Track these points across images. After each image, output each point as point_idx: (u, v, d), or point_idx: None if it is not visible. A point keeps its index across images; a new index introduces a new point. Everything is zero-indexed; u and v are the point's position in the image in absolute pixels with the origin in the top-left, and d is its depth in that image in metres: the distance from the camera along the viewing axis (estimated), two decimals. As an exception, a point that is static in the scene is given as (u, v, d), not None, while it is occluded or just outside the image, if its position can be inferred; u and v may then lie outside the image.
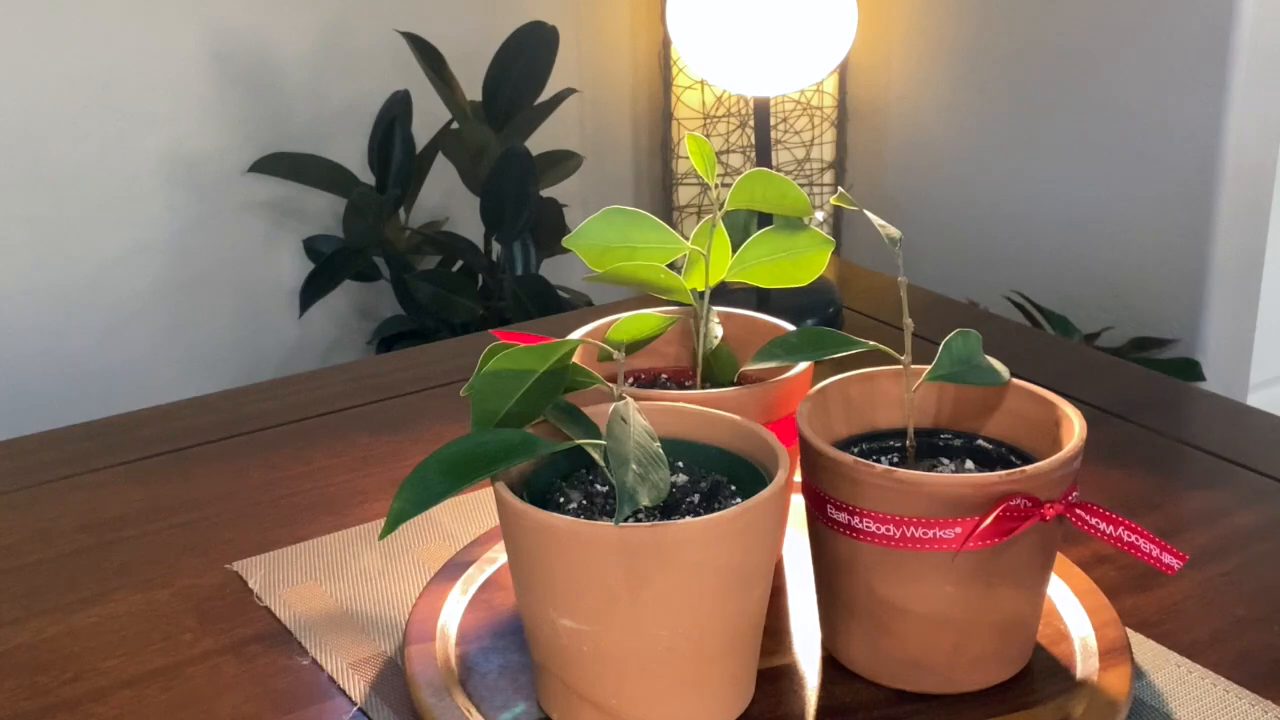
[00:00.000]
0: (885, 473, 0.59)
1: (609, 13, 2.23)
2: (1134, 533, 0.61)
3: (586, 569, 0.56)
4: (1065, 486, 0.61)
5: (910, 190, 2.11)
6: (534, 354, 0.59)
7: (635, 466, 0.55)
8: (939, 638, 0.62)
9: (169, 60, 1.87)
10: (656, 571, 0.56)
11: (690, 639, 0.58)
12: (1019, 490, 0.59)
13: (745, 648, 0.62)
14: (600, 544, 0.55)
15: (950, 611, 0.61)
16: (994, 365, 0.66)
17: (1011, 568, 0.61)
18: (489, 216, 1.85)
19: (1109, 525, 0.61)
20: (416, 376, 1.05)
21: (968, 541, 0.58)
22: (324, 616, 0.72)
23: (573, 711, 0.61)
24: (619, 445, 0.56)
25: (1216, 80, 1.66)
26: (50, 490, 0.87)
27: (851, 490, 0.60)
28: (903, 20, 2.10)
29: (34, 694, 0.66)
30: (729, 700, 0.62)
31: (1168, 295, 1.77)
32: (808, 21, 1.01)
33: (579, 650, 0.58)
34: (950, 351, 0.65)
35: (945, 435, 0.68)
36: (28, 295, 1.83)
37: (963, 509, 0.59)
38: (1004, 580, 0.61)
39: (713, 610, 0.58)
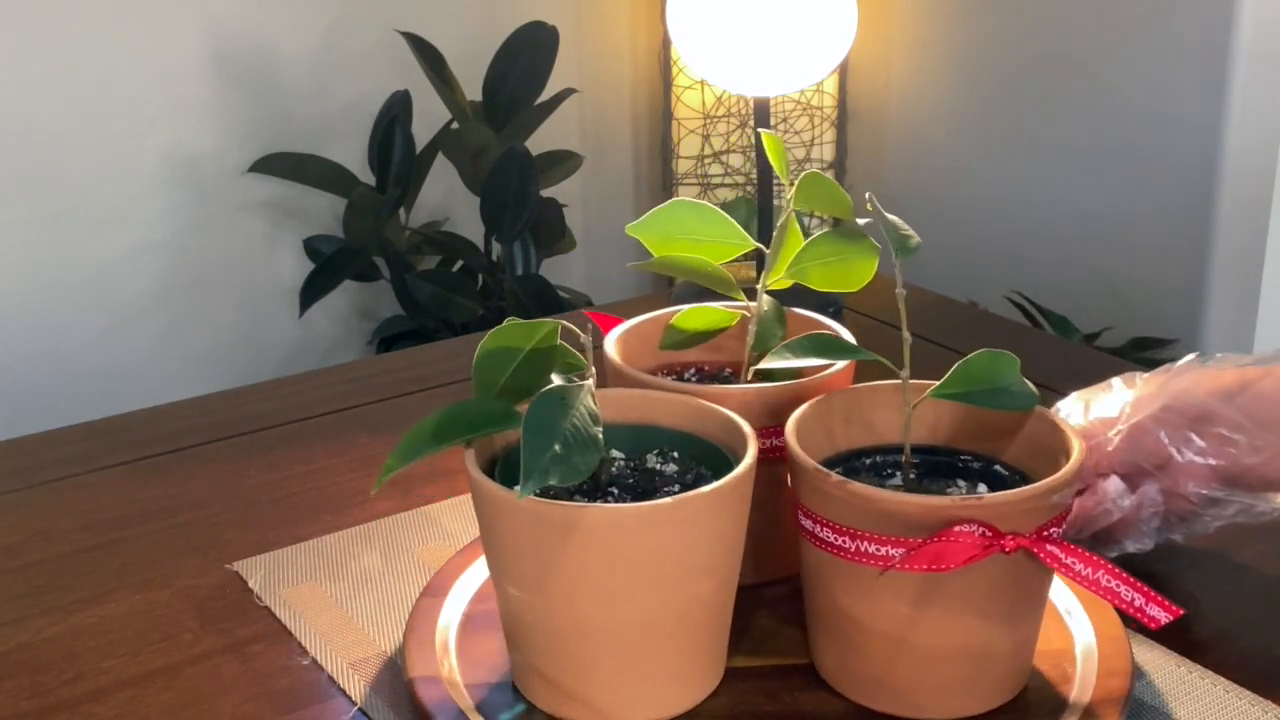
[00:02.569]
0: (839, 483, 0.58)
1: (609, 13, 2.23)
2: (1115, 578, 0.58)
3: (517, 538, 0.59)
4: (1038, 519, 0.58)
5: (910, 190, 2.11)
6: (522, 331, 0.60)
7: (559, 447, 0.56)
8: (899, 658, 0.61)
9: (169, 60, 1.87)
10: (576, 550, 0.57)
11: (626, 622, 0.59)
12: (973, 518, 0.56)
13: (694, 638, 0.62)
14: (518, 515, 0.58)
15: (907, 633, 0.60)
16: (1023, 389, 0.63)
17: (974, 597, 0.59)
18: (489, 216, 1.85)
19: (1087, 567, 0.58)
20: (416, 376, 1.05)
21: (907, 563, 0.57)
22: (324, 616, 0.72)
23: (524, 679, 0.63)
24: (540, 424, 0.57)
25: (1216, 80, 1.66)
26: (50, 490, 0.87)
27: (813, 498, 0.60)
28: (903, 20, 2.10)
29: (34, 694, 0.66)
30: (673, 690, 0.62)
31: (1168, 295, 1.77)
32: (808, 21, 1.01)
33: (524, 619, 0.61)
34: (969, 370, 0.62)
35: (965, 457, 0.66)
36: (28, 295, 1.83)
37: (913, 529, 0.57)
38: (966, 609, 0.59)
39: (647, 596, 0.58)
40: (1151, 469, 0.70)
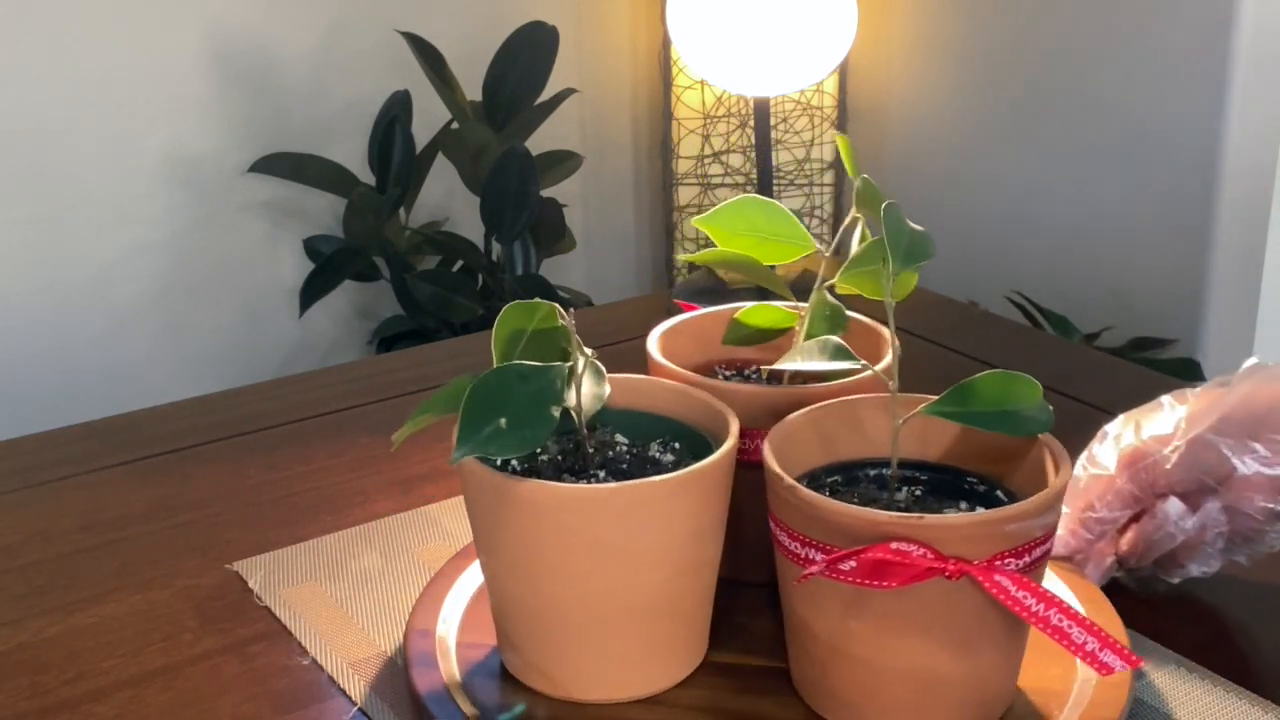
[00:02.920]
0: (790, 487, 0.58)
1: (609, 13, 2.23)
2: (1069, 618, 0.56)
3: (476, 505, 0.62)
4: (991, 547, 0.56)
5: (910, 190, 2.11)
6: (523, 312, 0.62)
7: (504, 421, 0.57)
8: (848, 673, 0.60)
9: (169, 60, 1.87)
10: (522, 523, 0.60)
11: (577, 603, 0.61)
12: (913, 537, 0.55)
13: (648, 626, 0.62)
14: (477, 482, 0.61)
15: (854, 648, 0.59)
16: (1038, 414, 0.61)
17: (921, 620, 0.57)
18: (489, 216, 1.85)
19: (1039, 604, 0.56)
20: (416, 376, 1.05)
21: (849, 576, 0.56)
22: (324, 616, 0.72)
23: (503, 650, 0.66)
24: (487, 396, 0.58)
25: (1216, 80, 1.66)
26: (50, 490, 0.87)
27: (774, 501, 0.60)
28: (903, 20, 2.10)
29: (34, 694, 0.66)
30: (629, 674, 0.63)
31: (1168, 295, 1.77)
32: (808, 21, 1.02)
33: (494, 589, 0.64)
34: (975, 390, 0.60)
35: (971, 479, 0.64)
36: (28, 295, 1.83)
37: (853, 540, 0.56)
38: (913, 631, 0.58)
39: (594, 579, 0.60)
40: (1214, 485, 0.68)
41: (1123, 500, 0.70)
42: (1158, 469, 0.69)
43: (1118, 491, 0.70)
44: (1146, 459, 0.69)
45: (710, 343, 0.76)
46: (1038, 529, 0.57)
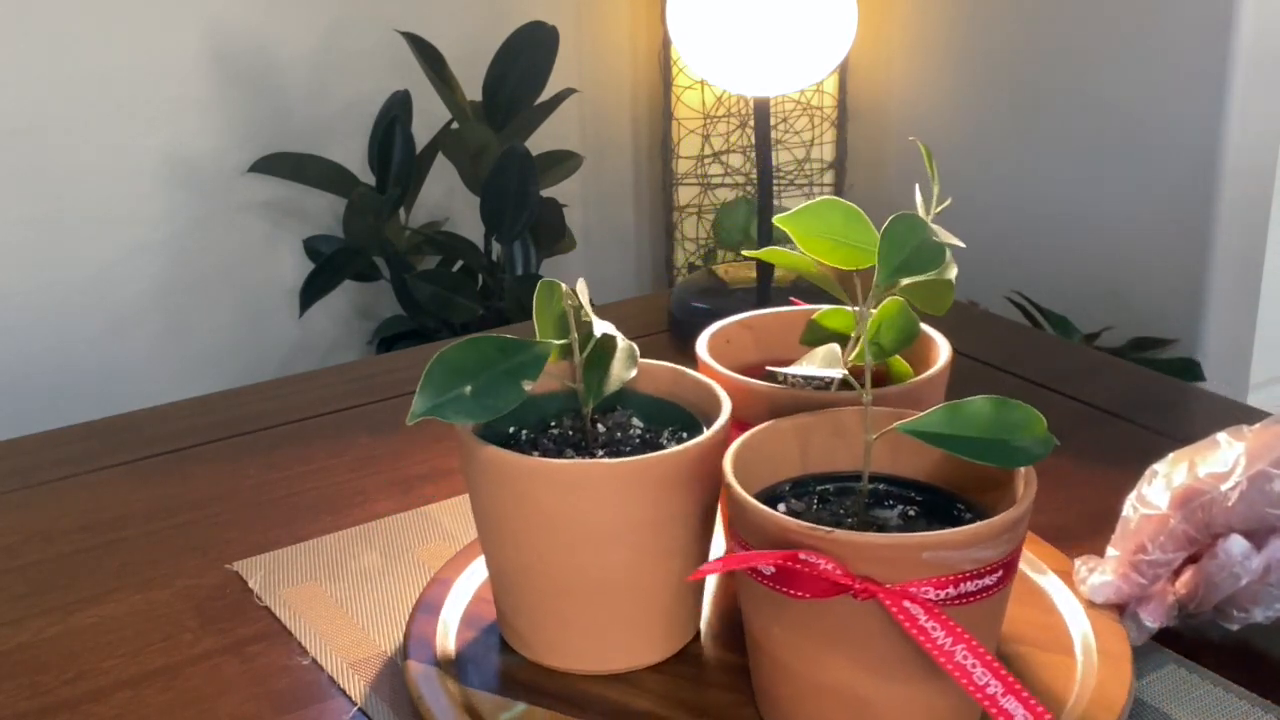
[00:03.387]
0: (728, 484, 0.58)
1: (609, 13, 2.23)
2: (976, 657, 0.53)
3: (463, 466, 0.65)
4: (908, 572, 0.54)
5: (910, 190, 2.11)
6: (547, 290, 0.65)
7: (469, 389, 0.60)
8: (783, 681, 0.59)
9: (169, 60, 1.87)
10: (490, 489, 0.63)
11: (535, 571, 0.63)
12: (821, 550, 0.54)
13: (603, 605, 0.63)
14: (460, 443, 0.64)
15: (783, 656, 0.58)
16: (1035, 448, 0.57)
17: (835, 636, 0.56)
18: (489, 216, 1.85)
19: (947, 637, 0.53)
20: (416, 376, 1.04)
21: (768, 580, 0.55)
22: (324, 616, 0.72)
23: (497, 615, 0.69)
24: (456, 364, 0.60)
25: (1216, 80, 1.66)
26: (50, 490, 0.87)
27: (727, 503, 0.60)
28: (903, 20, 2.10)
29: (34, 694, 0.66)
30: (587, 648, 0.65)
31: (1168, 295, 1.77)
32: (808, 21, 1.01)
33: (486, 553, 0.67)
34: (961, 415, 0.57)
35: (959, 506, 0.62)
36: (28, 295, 1.83)
37: (771, 545, 0.55)
38: (829, 647, 0.57)
39: (552, 552, 0.62)
40: (1278, 522, 0.64)
41: (1178, 541, 0.66)
42: (1216, 507, 0.65)
43: (1172, 532, 0.65)
44: (1203, 496, 0.65)
45: (756, 342, 0.76)
46: (966, 562, 0.54)
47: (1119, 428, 0.95)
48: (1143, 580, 0.66)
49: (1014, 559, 0.57)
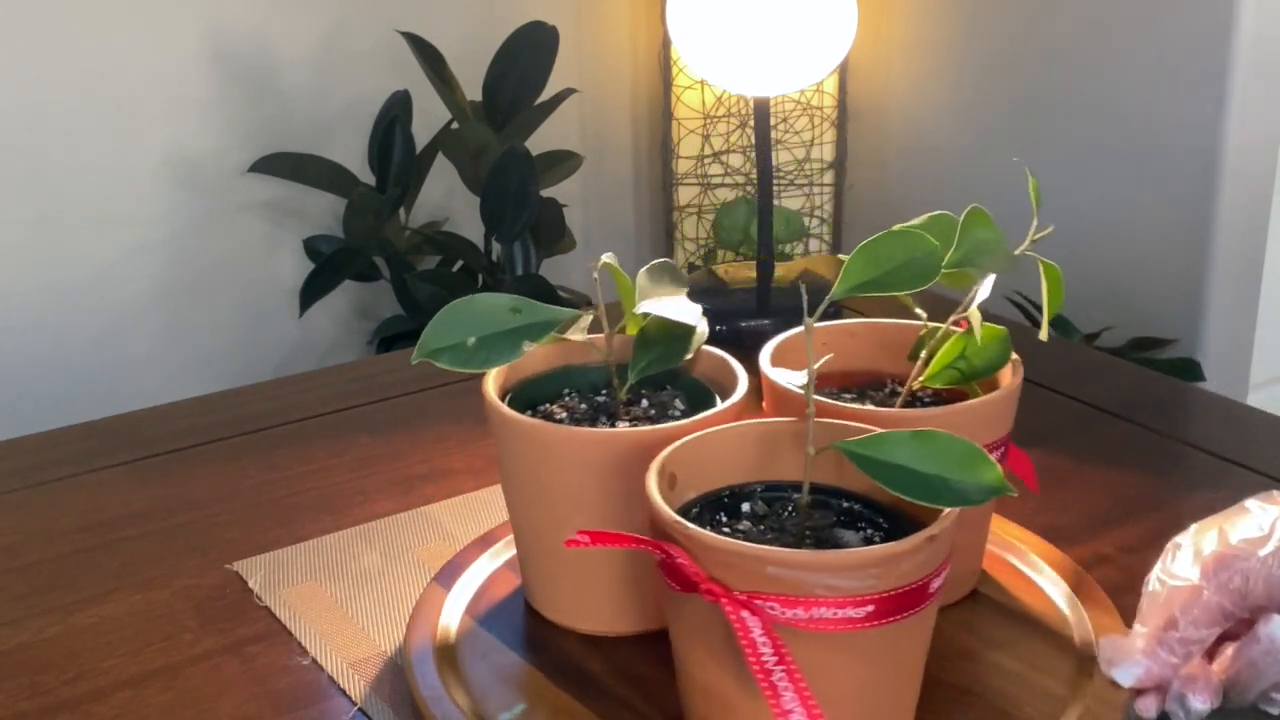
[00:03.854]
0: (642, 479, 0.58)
1: (609, 13, 2.23)
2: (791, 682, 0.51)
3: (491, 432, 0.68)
4: (753, 584, 0.52)
5: (910, 190, 2.11)
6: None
7: (473, 340, 0.62)
8: (677, 671, 0.59)
9: (169, 60, 1.87)
10: (500, 443, 0.67)
11: (527, 524, 0.68)
12: (682, 545, 0.53)
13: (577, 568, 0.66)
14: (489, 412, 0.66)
15: (674, 645, 0.58)
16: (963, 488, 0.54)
17: (694, 632, 0.56)
18: (489, 216, 1.85)
19: (773, 655, 0.52)
20: (416, 376, 1.05)
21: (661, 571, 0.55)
22: (324, 616, 0.72)
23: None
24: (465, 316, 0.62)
25: (1216, 80, 1.66)
26: (50, 490, 0.87)
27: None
28: (903, 20, 2.10)
29: (34, 694, 0.66)
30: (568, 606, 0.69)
31: (1168, 295, 1.77)
32: (808, 21, 1.01)
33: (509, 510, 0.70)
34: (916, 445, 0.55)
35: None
36: (28, 295, 1.83)
37: (659, 535, 0.55)
38: (698, 644, 0.56)
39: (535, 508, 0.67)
40: None
41: (1212, 615, 0.59)
42: (1253, 575, 0.59)
43: (1205, 604, 0.59)
44: (1238, 564, 0.59)
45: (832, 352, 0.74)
46: (819, 588, 0.51)
47: (1119, 428, 0.95)
48: (1174, 660, 0.60)
49: (895, 598, 0.53)
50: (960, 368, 0.68)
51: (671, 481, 0.59)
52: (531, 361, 0.70)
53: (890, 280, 0.58)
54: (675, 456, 0.59)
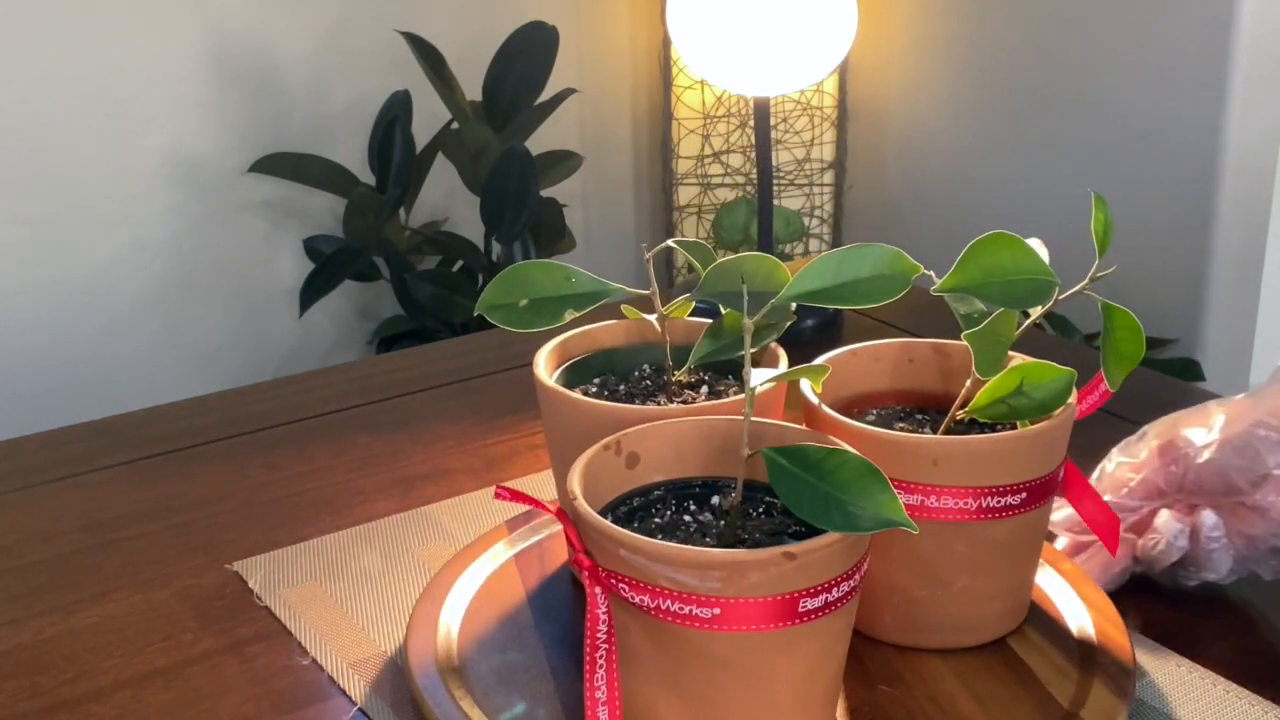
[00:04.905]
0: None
1: (609, 13, 2.23)
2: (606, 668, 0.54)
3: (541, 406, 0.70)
4: (612, 564, 0.53)
5: (910, 190, 2.11)
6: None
7: (525, 302, 0.64)
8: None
9: (169, 60, 1.87)
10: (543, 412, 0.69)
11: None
12: (570, 517, 0.55)
13: None
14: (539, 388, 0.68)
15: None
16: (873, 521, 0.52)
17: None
18: (489, 216, 1.85)
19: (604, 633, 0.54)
20: (416, 376, 1.05)
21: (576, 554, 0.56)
22: (324, 616, 0.72)
23: None
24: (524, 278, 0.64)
25: (1216, 80, 1.66)
26: (50, 490, 0.87)
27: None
28: (903, 20, 2.10)
29: (34, 694, 0.66)
30: None
31: (1168, 295, 1.77)
32: (808, 21, 1.01)
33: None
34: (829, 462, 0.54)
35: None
36: (28, 295, 1.83)
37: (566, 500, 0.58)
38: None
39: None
40: (1244, 485, 0.65)
41: (1146, 490, 0.68)
42: (1188, 463, 0.67)
43: (1144, 481, 0.69)
44: (1178, 452, 0.67)
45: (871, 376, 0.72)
46: (661, 578, 0.52)
47: (1119, 428, 0.95)
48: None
49: (747, 606, 0.52)
50: (1012, 404, 0.65)
51: (631, 460, 0.61)
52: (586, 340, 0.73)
53: (845, 292, 0.58)
54: (635, 436, 0.61)
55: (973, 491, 0.62)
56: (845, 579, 0.54)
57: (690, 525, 0.59)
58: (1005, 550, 0.65)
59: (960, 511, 0.62)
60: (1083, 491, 0.66)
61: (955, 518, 0.62)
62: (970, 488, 0.62)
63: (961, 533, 0.63)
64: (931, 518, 0.63)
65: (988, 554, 0.64)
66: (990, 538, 0.64)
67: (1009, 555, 0.65)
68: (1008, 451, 0.63)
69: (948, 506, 0.62)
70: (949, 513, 0.62)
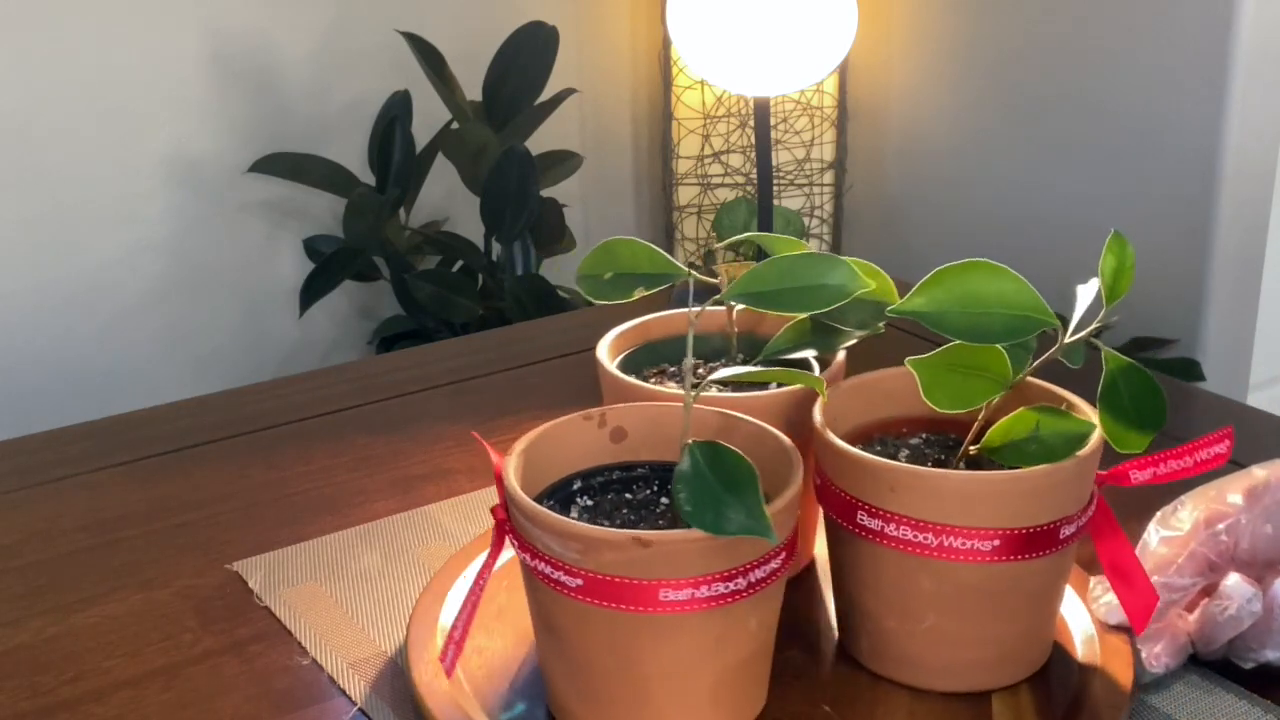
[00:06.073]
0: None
1: (609, 13, 2.22)
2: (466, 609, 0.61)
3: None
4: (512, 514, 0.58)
5: (910, 190, 2.11)
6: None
7: (610, 274, 0.65)
8: None
9: (169, 60, 1.87)
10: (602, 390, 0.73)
11: None
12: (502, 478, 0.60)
13: None
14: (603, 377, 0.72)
15: None
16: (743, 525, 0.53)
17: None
18: (489, 216, 1.85)
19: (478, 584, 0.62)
20: (416, 376, 1.05)
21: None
22: (324, 616, 0.72)
23: None
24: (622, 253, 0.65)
25: (1216, 80, 1.66)
26: (50, 490, 0.87)
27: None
28: (903, 20, 2.10)
29: (34, 694, 0.66)
30: None
31: (1168, 295, 1.77)
32: (808, 21, 1.02)
33: None
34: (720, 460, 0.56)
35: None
36: (28, 295, 1.83)
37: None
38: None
39: None
40: None
41: (1197, 565, 0.62)
42: (1238, 531, 0.61)
43: (1191, 555, 0.62)
44: (1226, 519, 0.62)
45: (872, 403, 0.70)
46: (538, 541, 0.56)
47: (1119, 428, 0.95)
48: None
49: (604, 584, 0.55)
50: (1028, 450, 0.61)
51: (617, 434, 0.65)
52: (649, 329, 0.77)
53: (780, 299, 0.59)
54: (622, 413, 0.65)
55: (932, 527, 0.59)
56: (722, 579, 0.54)
57: (658, 506, 0.61)
58: (980, 596, 0.61)
59: (918, 545, 0.60)
60: (1118, 557, 0.61)
61: (914, 550, 0.60)
62: (929, 522, 0.59)
63: (924, 567, 0.61)
64: (890, 545, 0.60)
65: (956, 596, 0.61)
66: (958, 579, 0.61)
67: (985, 602, 0.61)
68: (972, 493, 0.59)
69: (905, 537, 0.60)
70: (907, 544, 0.60)
